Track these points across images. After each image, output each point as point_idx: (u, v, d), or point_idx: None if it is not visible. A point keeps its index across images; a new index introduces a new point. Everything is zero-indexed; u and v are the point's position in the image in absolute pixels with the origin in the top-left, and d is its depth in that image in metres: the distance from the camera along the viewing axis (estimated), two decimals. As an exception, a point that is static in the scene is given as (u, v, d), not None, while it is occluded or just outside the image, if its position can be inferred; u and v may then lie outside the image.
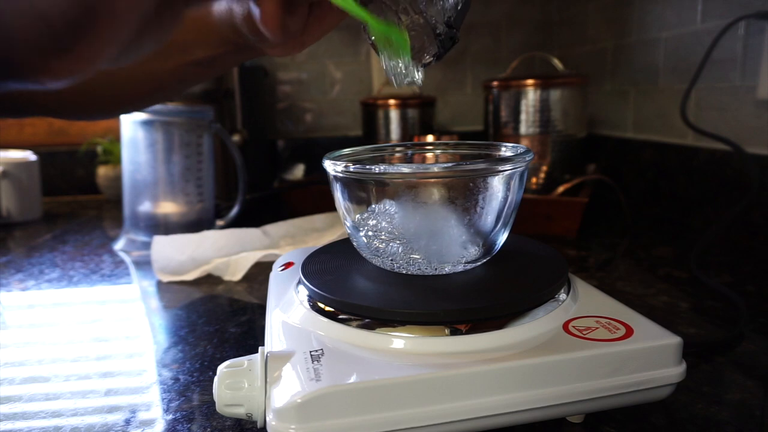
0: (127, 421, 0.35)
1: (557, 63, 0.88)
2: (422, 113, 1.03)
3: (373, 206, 0.36)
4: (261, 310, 0.53)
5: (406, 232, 0.35)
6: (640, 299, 0.52)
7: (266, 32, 0.30)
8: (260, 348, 0.31)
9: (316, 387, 0.26)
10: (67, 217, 1.00)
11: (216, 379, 0.30)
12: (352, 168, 0.35)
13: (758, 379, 0.38)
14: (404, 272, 0.37)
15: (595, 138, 1.01)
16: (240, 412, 0.29)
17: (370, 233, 0.37)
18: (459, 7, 0.33)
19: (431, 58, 0.34)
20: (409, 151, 0.46)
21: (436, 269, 0.36)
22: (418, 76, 0.33)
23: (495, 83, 0.88)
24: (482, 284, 0.35)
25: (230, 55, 0.38)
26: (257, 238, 0.70)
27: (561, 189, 0.80)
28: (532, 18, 1.23)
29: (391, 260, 0.37)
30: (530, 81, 0.84)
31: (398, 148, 0.46)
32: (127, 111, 0.49)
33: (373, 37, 0.32)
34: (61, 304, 0.58)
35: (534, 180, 0.86)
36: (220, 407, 0.29)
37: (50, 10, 0.21)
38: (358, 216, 0.37)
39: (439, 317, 0.31)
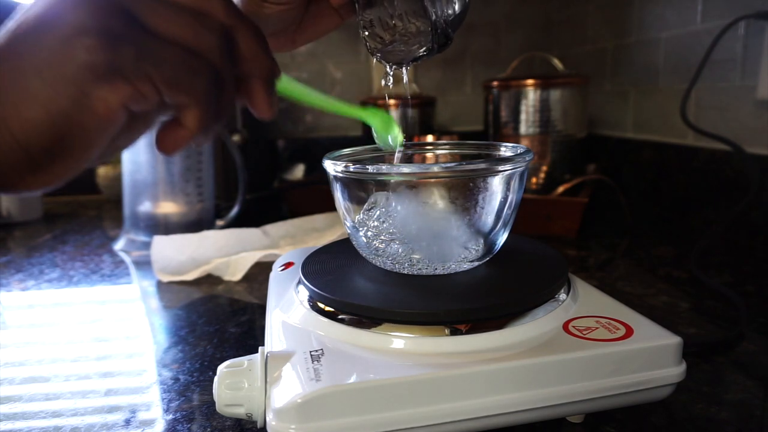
0: (127, 421, 0.35)
1: (557, 63, 0.88)
2: (422, 113, 1.03)
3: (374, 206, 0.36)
4: (261, 310, 0.53)
5: (407, 232, 0.35)
6: (640, 299, 0.52)
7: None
8: (260, 348, 0.31)
9: (316, 387, 0.26)
10: (67, 217, 1.00)
11: (216, 379, 0.30)
12: (352, 168, 0.35)
13: (758, 379, 0.38)
14: (404, 272, 0.37)
15: (595, 138, 1.01)
16: (240, 412, 0.29)
17: (370, 233, 0.37)
18: (458, 13, 0.34)
19: (424, 52, 0.35)
20: (409, 151, 0.46)
21: (436, 269, 0.36)
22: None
23: (495, 83, 0.88)
24: (482, 284, 0.35)
25: None
26: (257, 238, 0.70)
27: (561, 189, 0.80)
28: (532, 18, 1.23)
29: (392, 260, 0.37)
30: (530, 81, 0.83)
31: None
32: None
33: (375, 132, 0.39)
34: (61, 304, 0.58)
35: (534, 180, 0.86)
36: (220, 407, 0.29)
37: (30, 141, 0.23)
38: (358, 216, 0.37)
39: (439, 317, 0.31)
